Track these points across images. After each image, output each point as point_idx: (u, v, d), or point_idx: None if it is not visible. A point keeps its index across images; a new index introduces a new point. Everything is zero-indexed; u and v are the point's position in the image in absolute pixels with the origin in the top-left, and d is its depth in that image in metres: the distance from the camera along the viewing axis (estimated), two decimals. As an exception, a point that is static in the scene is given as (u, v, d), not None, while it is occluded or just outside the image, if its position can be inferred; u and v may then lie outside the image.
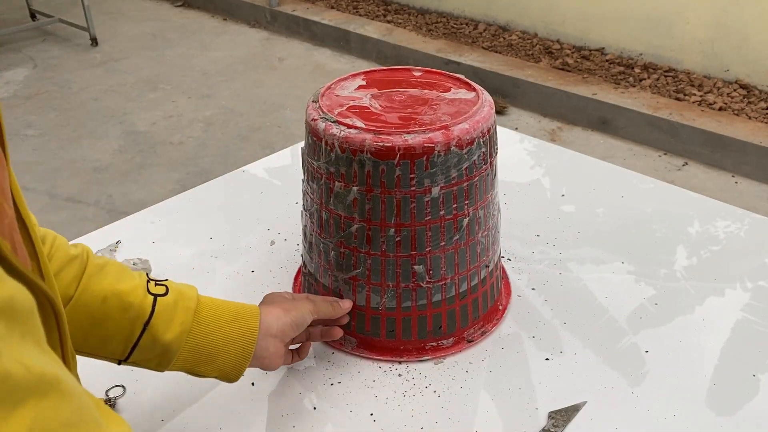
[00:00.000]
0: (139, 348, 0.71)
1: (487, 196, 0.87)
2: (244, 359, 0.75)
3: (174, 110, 3.69)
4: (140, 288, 0.72)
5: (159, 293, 0.73)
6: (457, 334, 0.90)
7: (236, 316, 0.75)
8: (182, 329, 0.72)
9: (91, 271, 0.71)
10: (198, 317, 0.73)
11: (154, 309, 0.71)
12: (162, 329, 0.71)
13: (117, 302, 0.70)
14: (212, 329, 0.74)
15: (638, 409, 0.81)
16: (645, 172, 1.35)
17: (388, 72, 0.96)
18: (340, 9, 4.79)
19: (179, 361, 0.73)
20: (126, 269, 0.74)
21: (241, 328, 0.75)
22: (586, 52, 3.84)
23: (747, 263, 1.07)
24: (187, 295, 0.74)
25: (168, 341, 0.71)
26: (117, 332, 0.71)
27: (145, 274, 0.75)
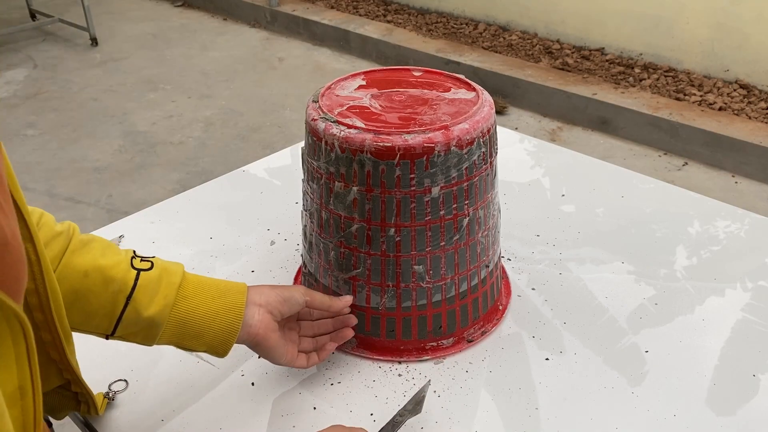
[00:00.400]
0: (123, 322, 0.71)
1: (487, 196, 0.87)
2: (231, 334, 0.75)
3: (174, 110, 3.69)
4: (124, 263, 0.72)
5: (143, 268, 0.73)
6: (457, 334, 0.90)
7: (222, 293, 0.76)
8: (165, 303, 0.72)
9: (75, 246, 0.72)
10: (183, 292, 0.74)
11: (136, 283, 0.71)
12: (145, 303, 0.71)
13: (99, 276, 0.70)
14: (197, 304, 0.74)
15: (638, 409, 0.81)
16: (645, 172, 1.35)
17: (388, 72, 0.96)
18: (340, 9, 4.79)
19: (165, 335, 0.73)
20: (112, 246, 0.74)
21: (227, 303, 0.75)
22: (586, 52, 3.84)
23: (747, 263, 1.07)
24: (172, 270, 0.74)
25: (151, 315, 0.71)
26: (99, 307, 0.71)
27: (132, 251, 0.75)
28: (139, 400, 0.84)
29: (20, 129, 3.49)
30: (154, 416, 0.81)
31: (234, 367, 0.89)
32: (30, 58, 4.44)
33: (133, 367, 0.88)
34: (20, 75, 4.17)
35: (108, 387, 0.85)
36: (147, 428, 0.80)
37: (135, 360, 0.89)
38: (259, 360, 0.90)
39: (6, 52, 4.52)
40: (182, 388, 0.85)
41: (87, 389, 0.74)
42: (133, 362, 0.89)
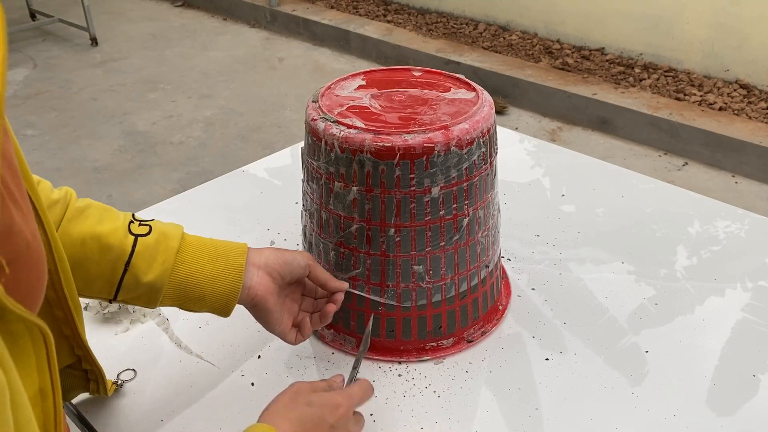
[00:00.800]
0: (123, 288, 0.72)
1: (487, 196, 0.87)
2: (232, 296, 0.75)
3: (174, 110, 3.69)
4: (121, 229, 0.72)
5: (141, 233, 0.72)
6: (457, 334, 0.90)
7: (221, 254, 0.75)
8: (164, 269, 0.72)
9: (71, 214, 0.71)
10: (181, 256, 0.73)
11: (134, 249, 0.71)
12: (143, 269, 0.71)
13: (96, 244, 0.70)
14: (197, 268, 0.74)
15: (638, 409, 0.81)
16: (645, 172, 1.35)
17: (388, 72, 0.96)
18: (340, 9, 4.79)
19: (167, 299, 0.74)
20: (110, 210, 0.74)
21: (227, 265, 0.75)
22: (586, 52, 3.84)
23: (747, 263, 1.07)
24: (171, 234, 0.74)
25: (150, 281, 0.72)
26: (99, 274, 0.71)
27: (130, 214, 0.75)
28: (138, 400, 0.84)
29: (20, 129, 3.49)
30: (154, 416, 0.81)
31: (234, 367, 0.89)
32: (30, 58, 4.44)
33: (132, 366, 0.88)
34: (20, 75, 4.17)
35: (116, 376, 0.86)
36: (147, 428, 0.80)
37: (135, 360, 0.89)
38: (259, 360, 0.90)
39: (6, 52, 4.51)
40: (182, 388, 0.85)
41: (97, 365, 0.73)
42: (133, 362, 0.89)
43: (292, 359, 0.90)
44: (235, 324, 0.95)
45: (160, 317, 0.97)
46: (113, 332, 0.94)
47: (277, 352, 0.91)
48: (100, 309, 0.95)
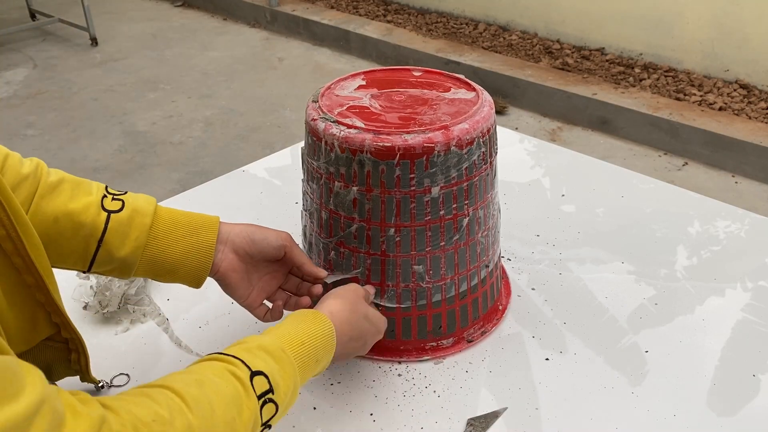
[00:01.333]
0: (96, 262, 0.74)
1: (487, 196, 0.87)
2: (203, 271, 0.77)
3: (174, 110, 3.69)
4: (93, 206, 0.73)
5: (113, 209, 0.74)
6: (457, 334, 0.90)
7: (194, 230, 0.77)
8: (137, 245, 0.74)
9: (44, 191, 0.72)
10: (154, 233, 0.75)
11: (107, 226, 0.73)
12: (116, 245, 0.73)
13: (68, 222, 0.72)
14: (168, 244, 0.76)
15: (638, 409, 0.81)
16: (645, 172, 1.35)
17: (388, 72, 0.96)
18: (340, 9, 4.79)
19: (139, 271, 0.76)
20: (82, 184, 0.75)
21: (198, 242, 0.76)
22: (586, 52, 3.84)
23: (747, 263, 1.07)
24: (143, 210, 0.75)
25: (123, 256, 0.73)
26: (72, 250, 0.73)
27: (104, 187, 0.76)
28: (138, 400, 0.84)
29: (20, 129, 3.49)
30: (154, 416, 0.81)
31: (234, 367, 0.88)
32: (30, 58, 4.44)
33: (132, 366, 0.88)
34: (20, 75, 4.17)
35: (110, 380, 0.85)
36: (147, 428, 0.80)
37: (135, 360, 0.89)
38: (259, 360, 0.89)
39: (6, 52, 4.52)
40: (182, 388, 0.85)
41: (77, 334, 0.73)
42: (133, 362, 0.89)
43: (292, 359, 0.90)
44: (235, 324, 0.95)
45: (160, 317, 0.97)
46: (113, 332, 0.94)
47: (277, 352, 0.91)
48: (100, 309, 0.95)
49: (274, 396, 0.62)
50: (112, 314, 0.96)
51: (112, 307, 0.95)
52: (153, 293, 1.01)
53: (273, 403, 0.62)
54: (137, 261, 0.74)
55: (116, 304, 0.95)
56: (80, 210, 0.72)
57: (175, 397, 0.55)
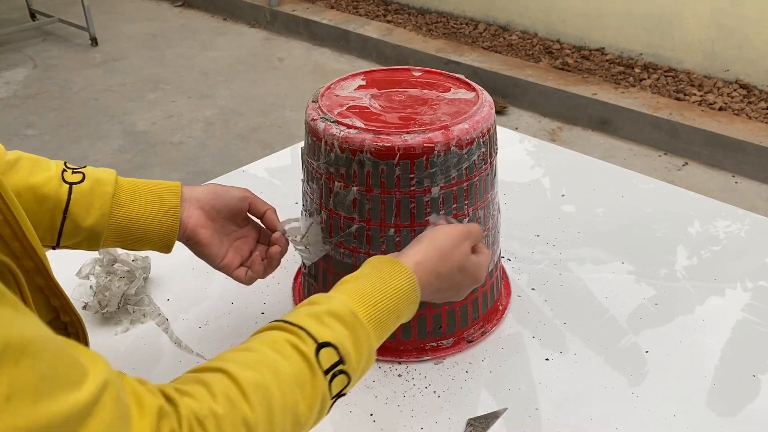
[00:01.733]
0: (64, 235, 0.74)
1: (487, 196, 0.87)
2: (171, 235, 0.77)
3: (174, 110, 3.69)
4: (55, 179, 0.74)
5: (74, 181, 0.74)
6: (457, 334, 0.90)
7: (158, 196, 0.77)
8: (102, 213, 0.74)
9: (3, 168, 0.72)
10: (117, 200, 0.75)
11: (70, 197, 0.73)
12: (82, 215, 0.73)
13: (31, 196, 0.72)
14: (133, 210, 0.76)
15: (638, 409, 0.81)
16: (645, 172, 1.35)
17: (387, 72, 0.96)
18: (340, 9, 4.79)
19: (108, 241, 0.76)
20: (41, 161, 0.75)
21: (163, 206, 0.76)
22: (586, 52, 3.84)
23: (747, 263, 1.07)
24: (104, 180, 0.75)
25: (89, 226, 0.74)
26: (38, 223, 0.73)
27: (62, 163, 0.76)
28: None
29: (20, 129, 3.49)
30: (154, 416, 0.81)
31: (234, 367, 0.88)
32: (30, 58, 4.44)
33: (132, 367, 0.88)
34: (20, 75, 4.17)
35: None
36: (147, 428, 0.80)
37: (135, 360, 0.89)
38: (258, 360, 0.89)
39: (6, 52, 4.52)
40: (182, 388, 0.85)
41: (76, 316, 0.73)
42: (133, 362, 0.89)
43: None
44: (235, 324, 0.95)
45: (160, 317, 0.97)
46: (113, 332, 0.94)
47: (277, 352, 0.91)
48: (99, 309, 0.95)
49: (345, 367, 0.58)
50: (112, 314, 0.96)
51: (111, 307, 0.95)
52: (153, 293, 1.01)
53: (344, 374, 0.58)
54: (104, 230, 0.75)
55: (116, 304, 0.95)
56: (41, 183, 0.73)
57: (232, 385, 0.52)
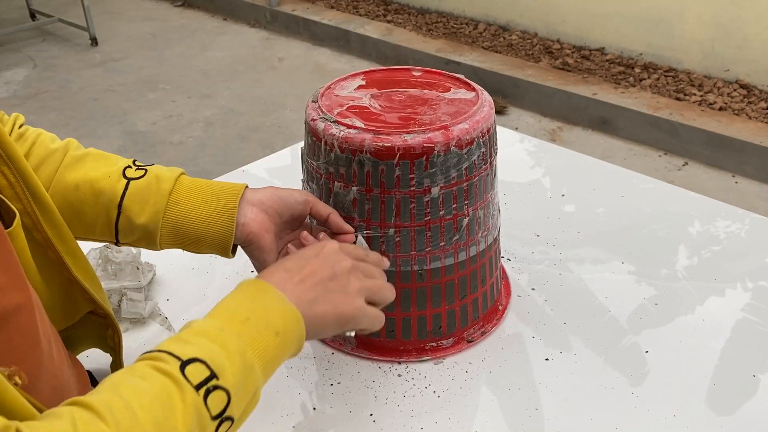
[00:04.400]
0: (120, 231, 0.73)
1: (487, 196, 0.87)
2: (228, 235, 0.74)
3: (174, 110, 3.69)
4: (114, 173, 0.73)
5: (134, 177, 0.73)
6: (456, 334, 0.90)
7: (217, 195, 0.74)
8: (156, 210, 0.72)
9: (68, 161, 0.73)
10: (174, 197, 0.73)
11: (125, 193, 0.72)
12: (136, 212, 0.72)
13: (89, 189, 0.72)
14: (189, 209, 0.73)
15: (638, 409, 0.81)
16: (645, 172, 1.35)
17: (387, 72, 0.96)
18: (340, 9, 4.79)
19: (165, 240, 0.74)
20: (109, 157, 0.76)
21: (220, 206, 0.74)
22: (586, 52, 3.84)
23: (747, 263, 1.07)
24: (164, 177, 0.74)
25: (143, 223, 0.72)
26: (95, 217, 0.73)
27: (131, 160, 0.76)
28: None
29: (20, 129, 3.48)
30: (154, 416, 0.81)
31: (234, 367, 0.88)
32: (30, 58, 4.44)
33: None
34: (20, 75, 4.17)
35: None
36: (147, 428, 0.80)
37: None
38: (258, 360, 0.89)
39: (6, 52, 4.52)
40: (182, 388, 0.85)
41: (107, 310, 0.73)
42: (133, 362, 0.89)
43: (292, 359, 0.90)
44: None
45: (161, 317, 0.97)
46: (113, 332, 0.94)
47: (276, 352, 0.91)
48: (100, 309, 0.95)
49: (219, 382, 0.52)
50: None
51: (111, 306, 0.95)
52: (153, 293, 1.01)
53: (222, 390, 0.52)
54: (158, 228, 0.72)
55: (116, 302, 0.95)
56: (100, 177, 0.72)
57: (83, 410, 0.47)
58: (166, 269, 1.05)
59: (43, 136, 0.74)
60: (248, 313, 0.58)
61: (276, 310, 0.60)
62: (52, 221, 0.64)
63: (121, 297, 0.95)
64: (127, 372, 0.52)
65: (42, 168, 0.72)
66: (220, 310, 0.59)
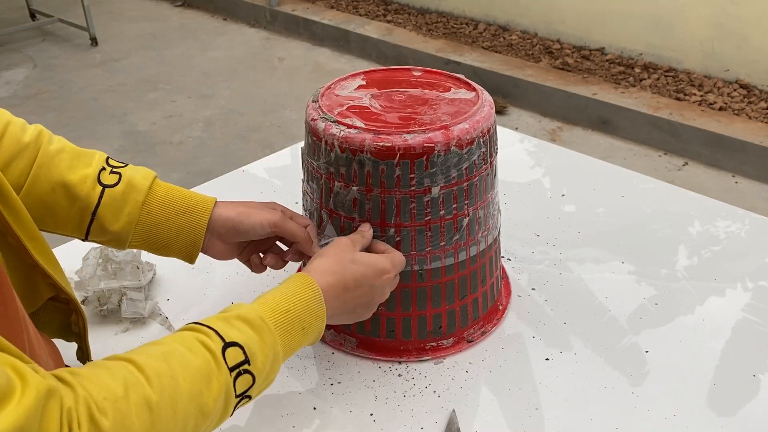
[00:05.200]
0: (91, 233, 0.77)
1: (487, 196, 0.87)
2: (195, 249, 0.80)
3: (174, 110, 3.69)
4: (90, 178, 0.75)
5: (109, 184, 0.76)
6: (457, 334, 0.90)
7: (187, 209, 0.78)
8: (129, 220, 0.76)
9: (42, 160, 0.74)
10: (147, 208, 0.77)
11: (100, 201, 0.75)
12: (110, 220, 0.76)
13: (64, 193, 0.74)
14: (161, 221, 0.77)
15: (638, 409, 0.81)
16: (645, 172, 1.35)
17: (388, 72, 0.96)
18: (340, 9, 4.79)
19: (134, 244, 0.78)
20: (83, 155, 0.77)
21: (190, 222, 0.78)
22: (586, 52, 3.84)
23: (747, 263, 1.07)
24: (138, 186, 0.77)
25: (116, 231, 0.76)
26: (68, 219, 0.75)
27: (104, 159, 0.78)
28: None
29: (20, 129, 3.48)
30: (154, 416, 0.81)
31: (234, 367, 0.88)
32: (30, 58, 4.44)
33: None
34: (20, 75, 4.17)
35: None
36: (147, 428, 0.80)
37: (135, 360, 0.89)
38: (259, 360, 0.89)
39: (6, 52, 4.52)
40: (182, 388, 0.85)
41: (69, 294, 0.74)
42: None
43: (292, 359, 0.90)
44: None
45: (161, 317, 0.97)
46: (113, 332, 0.94)
47: (277, 352, 0.91)
48: (99, 305, 0.95)
49: (250, 367, 0.60)
50: (111, 312, 0.96)
51: (110, 305, 0.95)
52: (153, 293, 1.01)
53: (249, 374, 0.60)
54: (130, 235, 0.77)
55: (116, 301, 0.95)
56: (76, 182, 0.74)
57: (135, 370, 0.53)
58: (166, 269, 1.05)
59: (12, 126, 0.74)
60: (289, 305, 0.66)
61: (311, 309, 0.68)
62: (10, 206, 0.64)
63: (121, 297, 0.95)
64: (177, 340, 0.58)
65: (15, 163, 0.73)
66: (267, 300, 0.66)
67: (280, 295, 0.67)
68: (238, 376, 0.59)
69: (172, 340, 0.59)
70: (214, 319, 0.62)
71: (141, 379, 0.53)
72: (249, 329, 0.62)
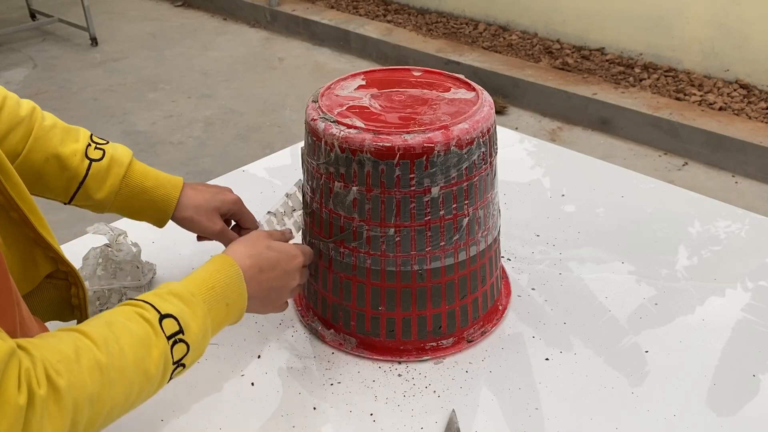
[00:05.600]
0: (75, 200, 0.88)
1: (487, 196, 0.87)
2: (165, 216, 0.91)
3: (174, 110, 3.69)
4: (79, 152, 0.86)
5: (95, 158, 0.87)
6: (457, 334, 0.90)
7: (160, 184, 0.90)
8: (111, 190, 0.88)
9: (38, 133, 0.84)
10: (126, 181, 0.88)
11: (87, 173, 0.86)
12: (94, 189, 0.87)
13: (56, 163, 0.85)
14: (137, 192, 0.89)
15: (638, 409, 0.81)
16: (645, 172, 1.35)
17: (388, 72, 0.96)
18: (340, 9, 4.79)
19: (111, 210, 0.90)
20: (71, 131, 0.88)
21: (162, 194, 0.90)
22: (586, 52, 3.84)
23: (747, 263, 1.07)
24: (120, 161, 0.88)
25: (99, 199, 0.87)
26: (56, 186, 0.86)
27: (89, 136, 0.89)
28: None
29: (20, 129, 3.48)
30: (154, 416, 0.81)
31: (234, 367, 0.89)
32: (30, 58, 4.44)
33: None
34: (20, 75, 4.17)
35: None
36: (147, 428, 0.80)
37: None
38: (259, 360, 0.90)
39: (6, 52, 4.52)
40: (182, 388, 0.85)
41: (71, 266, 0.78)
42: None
43: (292, 359, 0.90)
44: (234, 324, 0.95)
45: (160, 317, 0.97)
46: (113, 332, 0.94)
47: (277, 353, 0.91)
48: (98, 305, 0.95)
49: (184, 336, 0.66)
50: (112, 314, 0.96)
51: (111, 305, 0.95)
52: (153, 293, 1.01)
53: (184, 343, 0.66)
54: (110, 202, 0.88)
55: (116, 301, 0.95)
56: (68, 155, 0.85)
57: (83, 337, 0.58)
58: (166, 269, 1.05)
59: (9, 100, 0.82)
60: (214, 282, 0.72)
61: (234, 287, 0.74)
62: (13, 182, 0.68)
63: (121, 297, 0.95)
64: (117, 313, 0.64)
65: (12, 134, 0.82)
66: (194, 277, 0.72)
67: (206, 273, 0.73)
68: (174, 344, 0.65)
69: (113, 314, 0.63)
70: (149, 294, 0.67)
71: (90, 344, 0.58)
72: (181, 303, 0.67)
